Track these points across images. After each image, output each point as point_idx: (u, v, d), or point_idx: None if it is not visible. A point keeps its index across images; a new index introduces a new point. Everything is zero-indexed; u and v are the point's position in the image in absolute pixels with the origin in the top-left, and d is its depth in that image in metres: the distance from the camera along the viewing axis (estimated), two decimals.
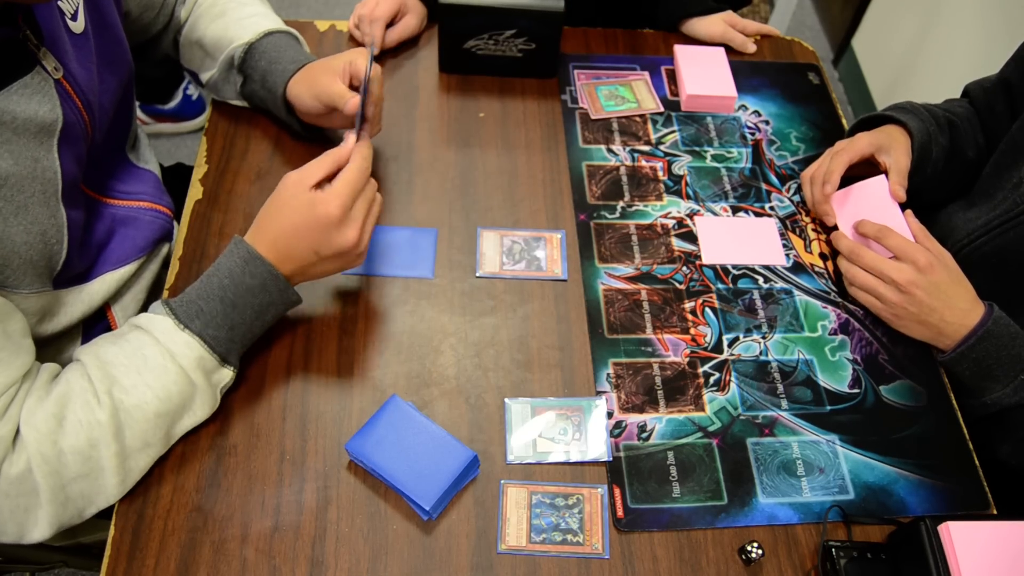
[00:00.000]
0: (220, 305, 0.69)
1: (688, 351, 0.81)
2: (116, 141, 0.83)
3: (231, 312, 0.69)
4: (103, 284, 0.77)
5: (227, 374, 0.71)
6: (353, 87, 0.82)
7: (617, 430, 0.76)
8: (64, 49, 0.68)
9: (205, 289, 0.69)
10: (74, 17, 0.70)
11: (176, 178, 1.05)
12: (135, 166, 0.87)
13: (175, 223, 0.91)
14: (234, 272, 0.69)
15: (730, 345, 0.82)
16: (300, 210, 0.70)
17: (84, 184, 0.75)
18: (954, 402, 0.81)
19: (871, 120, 0.96)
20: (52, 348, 0.76)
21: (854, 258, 0.83)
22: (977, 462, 0.77)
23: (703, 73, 1.05)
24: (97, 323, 0.80)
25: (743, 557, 0.69)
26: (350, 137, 0.74)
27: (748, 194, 0.95)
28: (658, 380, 0.79)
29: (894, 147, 0.88)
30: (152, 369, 0.66)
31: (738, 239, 0.91)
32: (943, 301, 0.78)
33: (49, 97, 0.65)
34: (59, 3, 0.69)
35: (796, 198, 0.96)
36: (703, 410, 0.78)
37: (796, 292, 0.87)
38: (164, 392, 0.66)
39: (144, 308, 0.85)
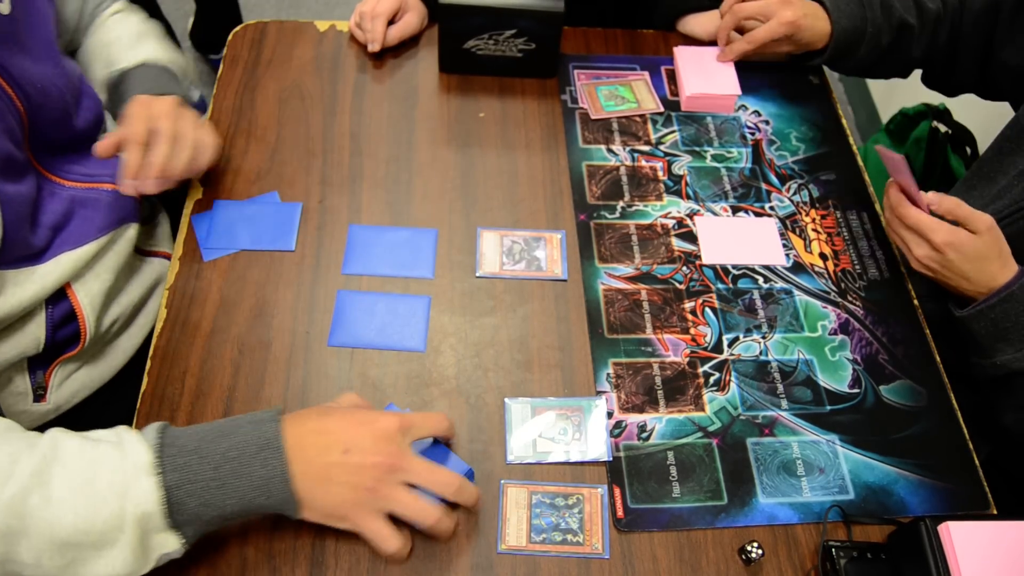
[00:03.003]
0: (210, 474, 0.57)
1: (688, 351, 0.81)
2: (78, 133, 0.82)
3: (215, 490, 0.57)
4: (58, 265, 0.75)
5: (172, 545, 0.58)
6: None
7: (617, 430, 0.76)
8: None
9: (207, 446, 0.58)
10: None
11: None
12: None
13: (138, 204, 0.88)
14: (247, 449, 0.58)
15: (730, 345, 0.82)
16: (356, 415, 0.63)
17: (40, 164, 0.74)
18: (954, 402, 0.81)
19: None
20: (11, 329, 0.74)
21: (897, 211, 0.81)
22: (977, 462, 0.77)
23: (703, 73, 1.05)
24: (59, 301, 0.78)
25: (743, 557, 0.69)
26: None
27: (748, 194, 0.95)
28: (658, 380, 0.79)
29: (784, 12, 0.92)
30: (90, 495, 0.55)
31: (738, 239, 0.91)
32: (977, 266, 0.77)
33: None
34: None
35: (796, 198, 0.96)
36: (703, 410, 0.78)
37: (796, 292, 0.87)
38: (86, 524, 0.54)
39: (113, 291, 0.83)
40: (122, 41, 0.89)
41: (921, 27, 0.94)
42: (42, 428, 0.80)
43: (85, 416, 0.83)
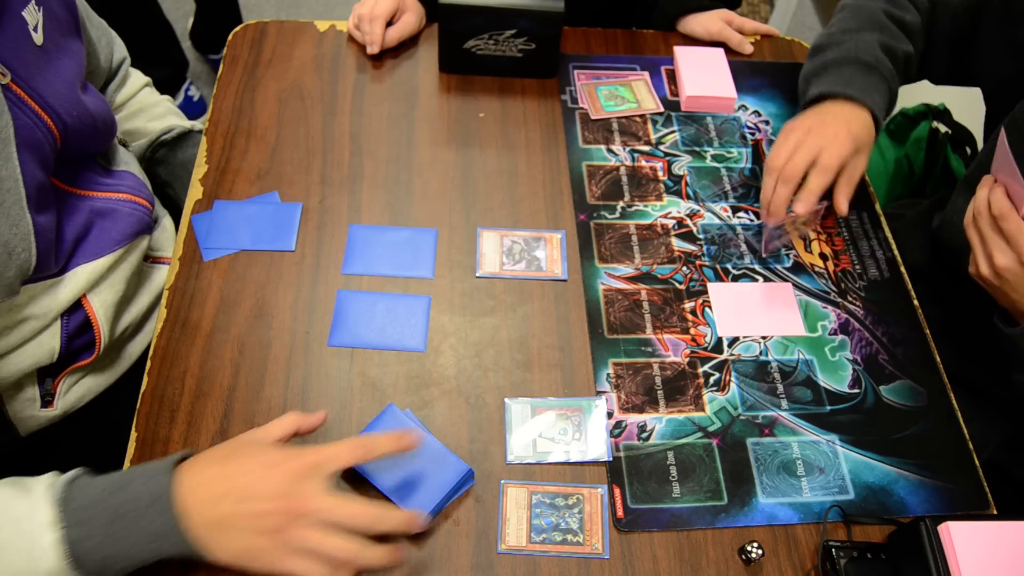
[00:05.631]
0: (106, 529, 0.57)
1: (688, 351, 0.81)
2: (93, 152, 0.83)
3: (113, 544, 0.57)
4: (75, 277, 0.76)
5: None
6: None
7: (617, 430, 0.76)
8: (16, 55, 0.67)
9: (104, 499, 0.58)
10: (36, 29, 0.70)
11: None
12: (111, 169, 0.87)
13: (159, 219, 0.90)
14: (138, 503, 0.58)
15: (730, 345, 0.82)
16: (249, 445, 0.63)
17: (60, 180, 0.74)
18: (954, 402, 0.81)
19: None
20: (26, 340, 0.74)
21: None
22: (977, 462, 0.77)
23: (703, 74, 1.05)
24: (75, 311, 0.78)
25: (743, 557, 0.69)
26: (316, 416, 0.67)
27: (748, 194, 0.95)
28: (658, 380, 0.79)
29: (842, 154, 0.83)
30: (9, 554, 0.56)
31: (753, 308, 0.86)
32: None
33: None
34: (23, 13, 0.69)
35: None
36: (703, 410, 0.78)
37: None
38: None
39: (124, 300, 0.83)
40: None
41: (915, 46, 0.91)
42: (48, 431, 0.80)
43: (87, 416, 0.83)
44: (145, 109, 0.99)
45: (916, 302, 0.88)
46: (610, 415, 0.76)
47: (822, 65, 0.91)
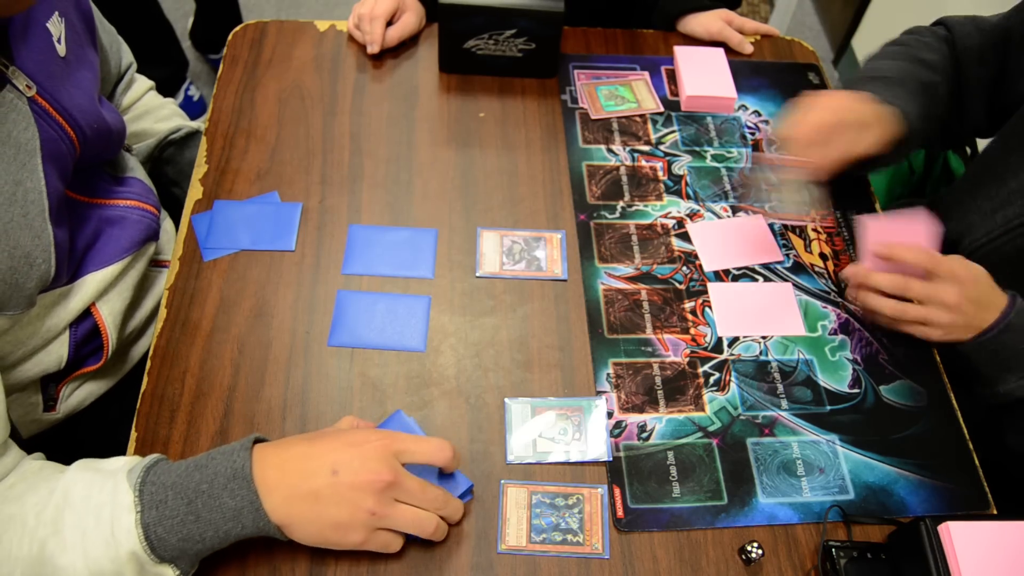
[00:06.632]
0: (184, 508, 0.58)
1: (688, 351, 0.81)
2: (103, 160, 0.84)
3: (191, 524, 0.58)
4: (84, 286, 0.76)
5: (168, 573, 0.59)
6: None
7: (617, 430, 0.76)
8: (42, 68, 0.67)
9: (183, 480, 0.59)
10: (59, 40, 0.71)
11: None
12: (119, 176, 0.87)
13: (161, 224, 0.91)
14: (216, 480, 0.58)
15: (730, 345, 0.82)
16: (337, 433, 0.64)
17: (70, 189, 0.75)
18: (954, 402, 0.81)
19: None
20: (42, 350, 0.75)
21: (902, 290, 0.79)
22: (977, 462, 0.77)
23: (703, 74, 1.05)
24: (83, 320, 0.78)
25: (743, 557, 0.69)
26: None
27: (748, 194, 0.95)
28: (658, 380, 0.79)
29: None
30: (94, 539, 0.57)
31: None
32: (983, 306, 0.77)
33: (23, 115, 0.64)
34: (48, 24, 0.69)
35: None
36: (703, 410, 0.78)
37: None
38: (96, 566, 0.56)
39: (131, 306, 0.83)
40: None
41: (942, 78, 0.90)
42: (49, 433, 0.80)
43: (88, 417, 0.83)
44: (151, 111, 0.99)
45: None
46: (610, 415, 0.76)
47: (847, 85, 0.92)
